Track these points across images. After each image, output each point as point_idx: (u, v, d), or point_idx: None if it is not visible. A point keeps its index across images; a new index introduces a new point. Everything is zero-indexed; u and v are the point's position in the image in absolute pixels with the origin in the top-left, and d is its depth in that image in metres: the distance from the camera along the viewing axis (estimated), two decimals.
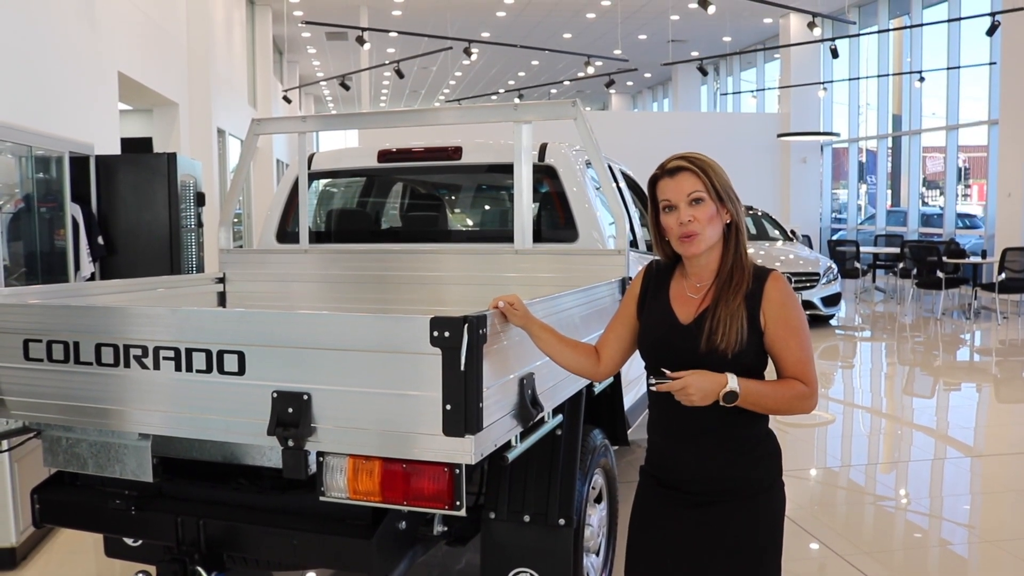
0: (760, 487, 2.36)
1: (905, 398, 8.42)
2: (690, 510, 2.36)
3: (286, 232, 4.83)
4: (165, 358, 2.47)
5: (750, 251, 2.40)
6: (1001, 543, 4.64)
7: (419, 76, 30.84)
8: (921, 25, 17.93)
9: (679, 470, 2.38)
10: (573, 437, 3.14)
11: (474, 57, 17.56)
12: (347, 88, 19.07)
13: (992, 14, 13.76)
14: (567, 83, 29.95)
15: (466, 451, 2.18)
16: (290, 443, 2.31)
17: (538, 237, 4.24)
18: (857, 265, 15.10)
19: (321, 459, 2.39)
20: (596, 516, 3.54)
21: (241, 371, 2.38)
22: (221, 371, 2.40)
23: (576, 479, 3.12)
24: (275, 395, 2.33)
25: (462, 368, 2.13)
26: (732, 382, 2.18)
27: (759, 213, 13.79)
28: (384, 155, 4.66)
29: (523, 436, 2.62)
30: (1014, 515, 5.16)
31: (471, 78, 31.02)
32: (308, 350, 2.32)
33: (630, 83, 32.42)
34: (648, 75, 30.95)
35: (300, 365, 2.33)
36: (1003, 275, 12.40)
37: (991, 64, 15.79)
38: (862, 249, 16.17)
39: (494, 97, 30.40)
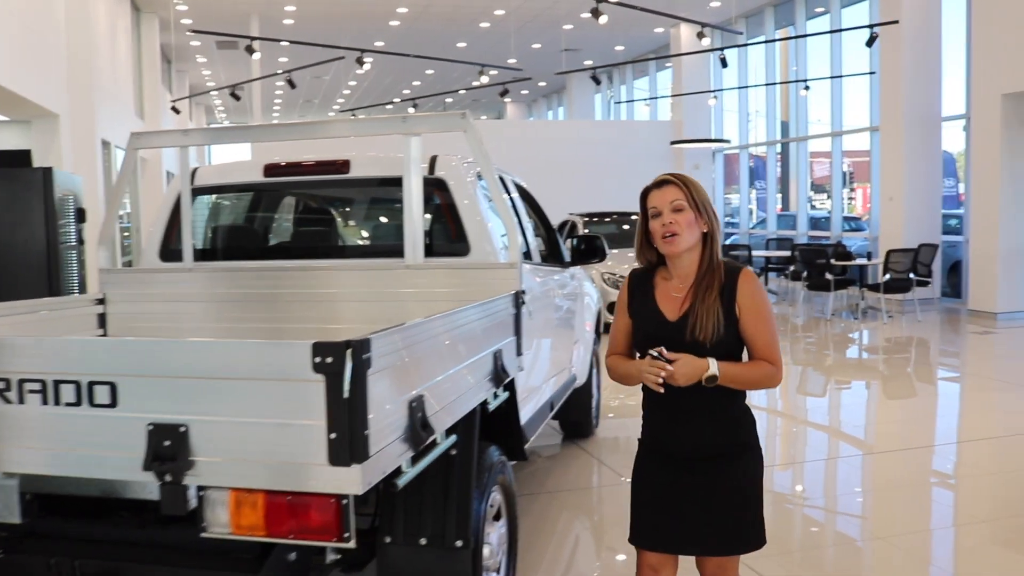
0: (743, 449, 2.81)
1: (799, 397, 8.62)
2: (684, 472, 2.79)
3: (170, 250, 4.65)
4: (31, 391, 2.31)
5: None
6: (892, 539, 4.76)
7: (312, 86, 30.38)
8: (805, 36, 18.51)
9: (674, 440, 2.81)
10: (468, 456, 3.08)
11: (367, 67, 17.37)
12: (237, 98, 18.67)
13: (870, 26, 14.29)
14: (462, 92, 29.94)
15: (353, 481, 2.09)
16: (167, 478, 2.19)
17: (430, 251, 4.17)
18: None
19: (201, 493, 2.28)
20: (495, 534, 3.48)
21: (113, 403, 2.25)
22: (92, 404, 2.26)
23: (472, 499, 3.06)
24: (150, 428, 2.20)
25: (346, 395, 2.05)
26: (713, 367, 2.64)
27: None
28: (271, 169, 4.52)
29: (415, 460, 2.54)
30: (904, 510, 5.31)
31: (365, 88, 30.73)
32: (184, 379, 2.21)
33: (525, 92, 32.60)
34: (543, 84, 31.17)
35: (176, 396, 2.21)
36: (888, 276, 12.86)
37: (871, 74, 16.39)
38: (754, 253, 16.56)
39: (389, 107, 30.18)
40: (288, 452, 2.14)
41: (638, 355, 2.83)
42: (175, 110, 21.29)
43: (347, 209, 5.13)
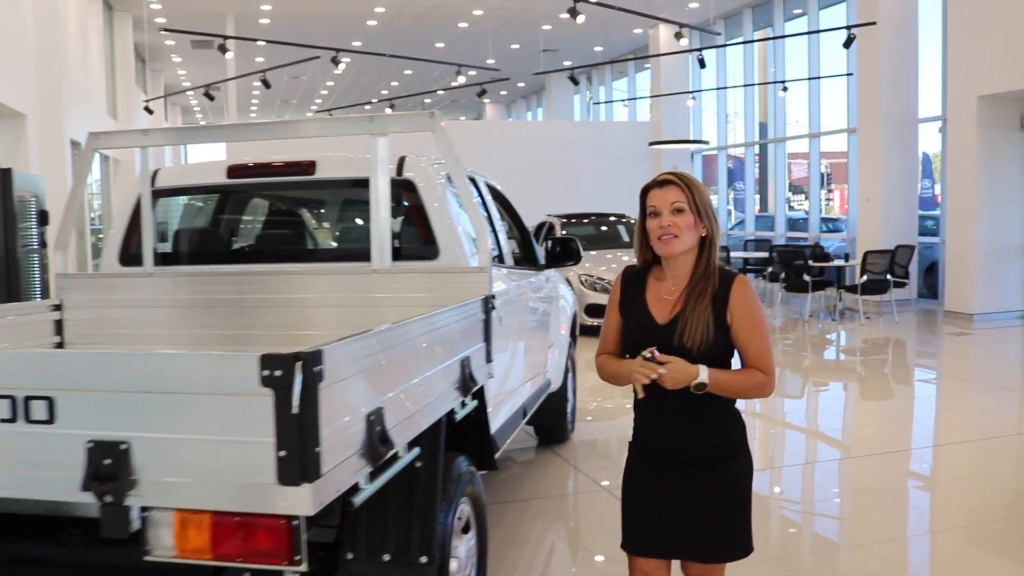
0: (731, 454, 2.76)
1: (777, 399, 8.51)
2: (674, 475, 2.74)
3: (130, 254, 4.51)
4: None
5: (630, 259, 2.73)
6: (869, 546, 4.69)
7: (291, 86, 30.13)
8: (783, 37, 18.50)
9: (664, 443, 2.75)
10: (433, 469, 2.96)
11: (342, 67, 17.19)
12: (211, 98, 18.47)
13: (848, 27, 14.28)
14: (441, 93, 29.80)
15: (304, 501, 1.96)
16: (108, 499, 2.06)
17: (399, 255, 4.06)
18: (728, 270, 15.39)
19: (144, 514, 2.15)
20: (463, 547, 3.37)
21: (51, 419, 2.11)
22: (28, 420, 2.12)
23: (438, 513, 2.95)
24: (90, 445, 2.07)
25: (295, 411, 1.93)
26: (703, 375, 2.57)
27: (632, 221, 13.92)
28: (234, 170, 4.39)
29: (373, 476, 2.43)
30: (881, 516, 5.24)
31: (344, 88, 30.54)
32: (126, 394, 2.07)
33: (504, 92, 32.49)
34: (522, 84, 31.08)
35: (118, 411, 2.08)
36: (865, 277, 12.84)
37: (848, 75, 16.38)
38: (732, 254, 16.53)
39: (367, 107, 29.96)
40: (236, 471, 2.01)
41: (628, 355, 2.79)
42: (148, 110, 21.03)
43: (314, 211, 5.01)
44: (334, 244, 4.95)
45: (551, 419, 6.39)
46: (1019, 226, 12.91)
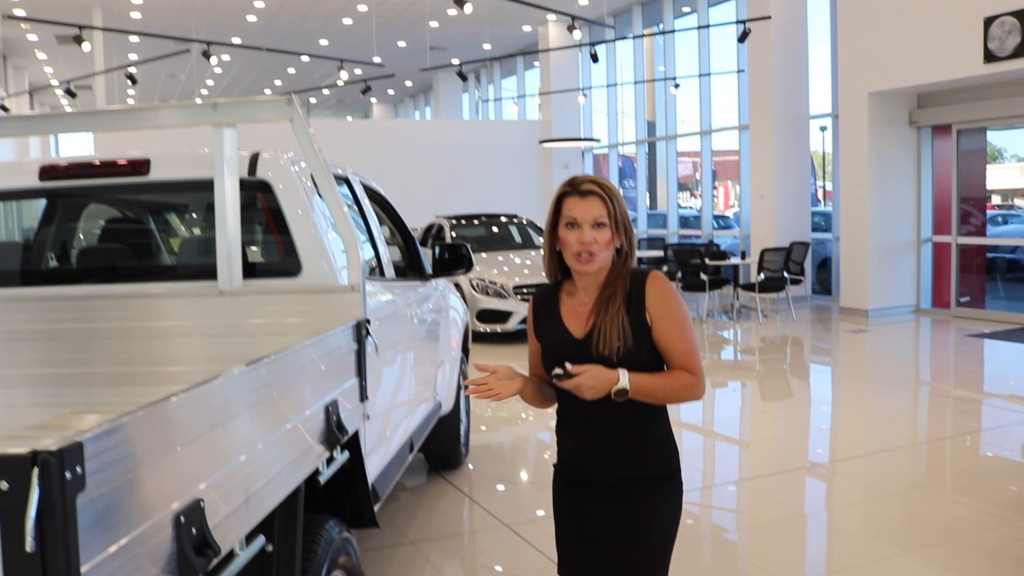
0: (660, 482, 2.50)
1: (673, 409, 8.06)
2: (597, 501, 2.51)
3: None
4: None
5: (522, 261, 2.10)
6: None
7: (168, 85, 28.73)
8: (674, 32, 18.30)
9: (588, 468, 2.52)
10: (289, 552, 2.31)
11: (216, 61, 16.18)
12: (73, 95, 17.15)
13: (739, 22, 14.08)
14: (326, 92, 28.86)
15: None
16: None
17: (253, 271, 3.37)
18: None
19: None
20: None
21: None
22: None
23: None
24: None
25: (29, 548, 1.24)
26: (623, 380, 2.35)
27: (524, 221, 13.43)
28: (48, 172, 3.62)
29: None
30: (786, 550, 4.80)
31: (225, 86, 29.27)
32: None
33: (391, 91, 31.72)
34: (409, 83, 30.37)
35: None
36: (762, 275, 12.62)
37: (739, 72, 16.24)
38: None
39: None
40: None
41: (549, 371, 2.56)
42: (3, 108, 19.54)
43: (149, 220, 4.23)
44: (176, 260, 4.18)
45: (443, 445, 5.76)
46: (911, 221, 12.93)
